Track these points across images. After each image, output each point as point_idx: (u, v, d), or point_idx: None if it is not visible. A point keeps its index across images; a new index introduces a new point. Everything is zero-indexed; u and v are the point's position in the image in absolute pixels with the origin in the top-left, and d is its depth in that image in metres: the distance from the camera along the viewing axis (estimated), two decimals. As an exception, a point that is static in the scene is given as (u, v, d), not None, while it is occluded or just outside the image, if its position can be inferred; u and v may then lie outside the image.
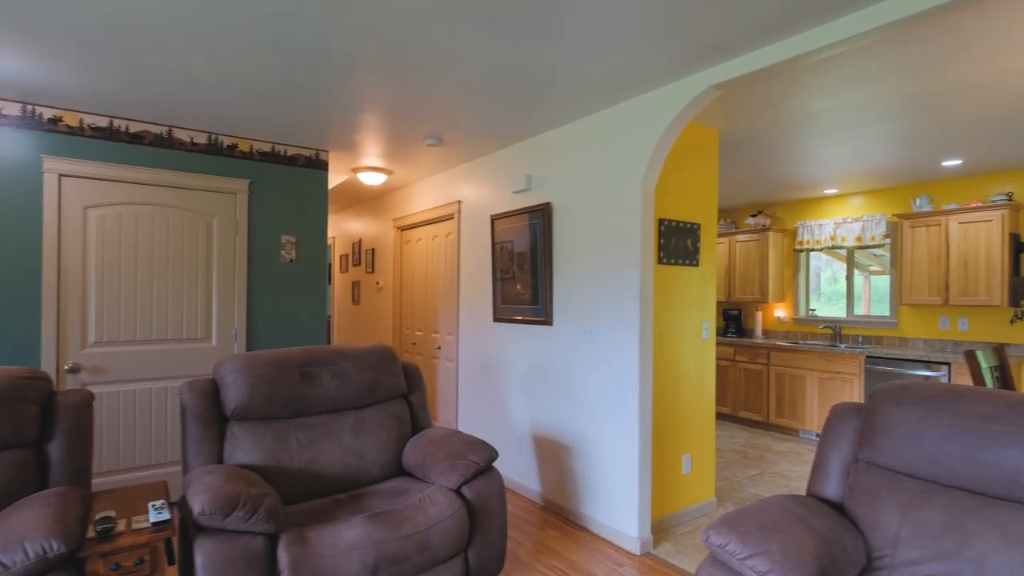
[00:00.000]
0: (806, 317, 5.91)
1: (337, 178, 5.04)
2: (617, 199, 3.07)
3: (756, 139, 3.67)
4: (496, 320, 4.03)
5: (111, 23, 2.17)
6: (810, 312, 5.93)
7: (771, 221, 6.07)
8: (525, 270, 3.73)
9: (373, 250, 6.13)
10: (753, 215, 6.13)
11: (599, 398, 3.16)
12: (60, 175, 3.17)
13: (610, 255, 3.11)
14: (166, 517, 1.82)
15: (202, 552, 1.78)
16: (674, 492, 3.26)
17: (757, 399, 5.66)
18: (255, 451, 2.37)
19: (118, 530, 1.74)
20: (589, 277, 3.25)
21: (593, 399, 3.20)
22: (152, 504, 1.89)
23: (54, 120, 3.15)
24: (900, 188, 5.18)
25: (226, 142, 3.68)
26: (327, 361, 2.66)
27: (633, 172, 2.97)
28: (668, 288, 3.22)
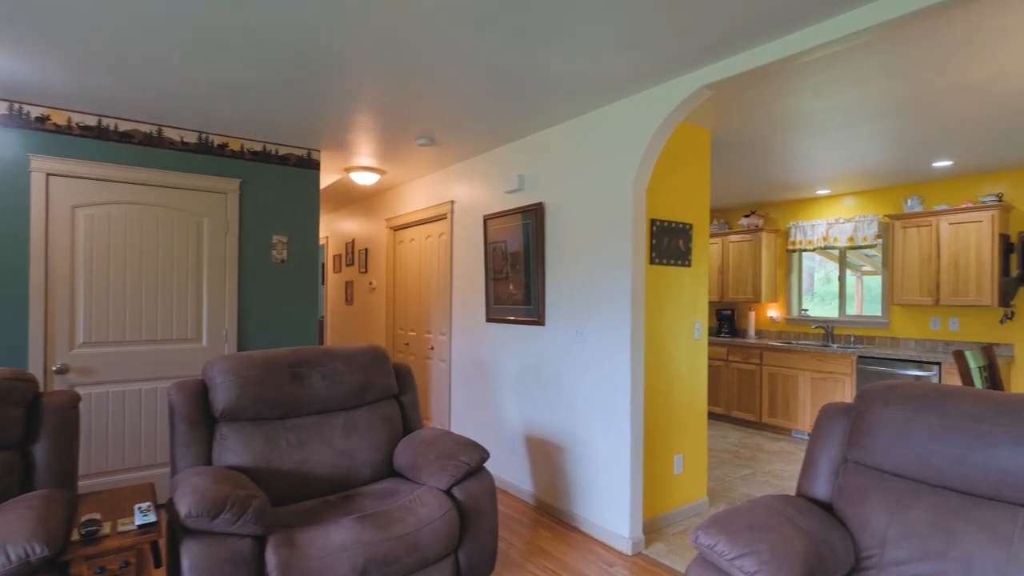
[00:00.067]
0: (799, 317, 5.93)
1: (329, 178, 5.02)
2: (609, 199, 3.07)
3: (748, 139, 3.68)
4: (489, 320, 4.02)
5: (98, 21, 2.15)
6: (802, 312, 5.95)
7: (764, 221, 6.09)
8: (518, 270, 3.72)
9: (366, 250, 6.11)
10: (746, 215, 6.15)
11: (591, 398, 3.16)
12: (48, 174, 3.15)
13: (602, 255, 3.11)
14: (152, 519, 1.80)
15: (189, 554, 1.77)
16: (666, 492, 3.27)
17: (750, 399, 5.68)
18: (244, 452, 2.36)
19: (103, 533, 1.72)
20: (581, 277, 3.24)
21: (585, 399, 3.20)
22: (138, 506, 1.87)
23: (42, 119, 3.12)
24: (891, 189, 5.21)
25: (217, 141, 3.66)
26: (317, 362, 2.64)
27: (625, 172, 2.97)
28: (660, 288, 3.22)
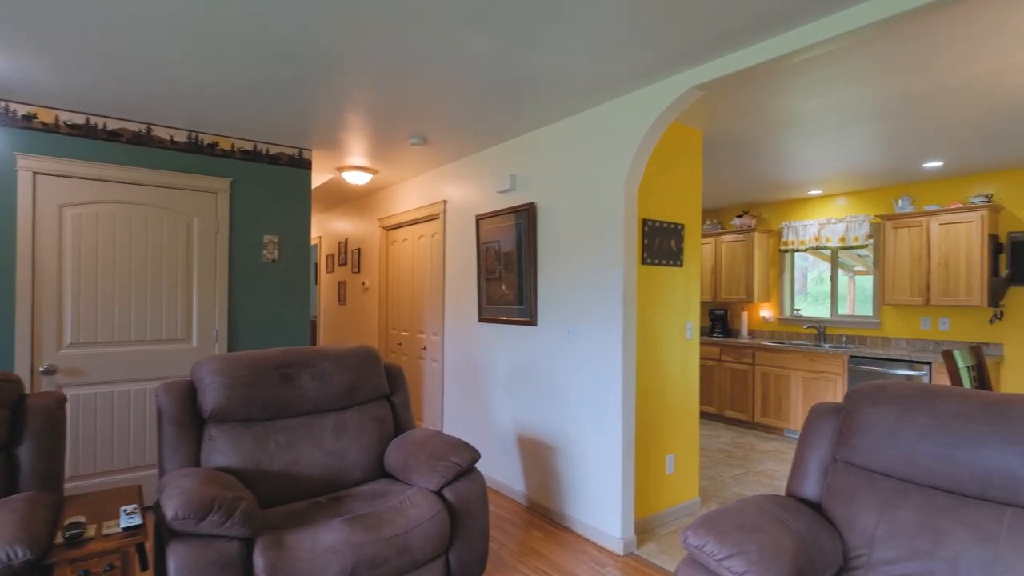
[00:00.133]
0: (791, 317, 5.96)
1: (321, 177, 5.00)
2: (600, 199, 3.06)
3: (740, 140, 3.69)
4: (481, 320, 4.01)
5: (86, 18, 2.12)
6: (795, 312, 5.98)
7: (757, 222, 6.11)
8: (510, 270, 3.71)
9: (359, 250, 6.09)
10: (739, 216, 6.17)
11: (583, 398, 3.16)
12: (35, 173, 3.11)
13: (594, 255, 3.10)
14: (138, 522, 1.78)
15: (175, 557, 1.75)
16: (658, 492, 3.27)
17: (742, 399, 5.70)
18: (233, 454, 2.34)
19: (87, 536, 1.70)
20: (573, 277, 3.24)
21: (577, 399, 3.20)
22: (124, 509, 1.85)
23: (28, 117, 3.09)
24: (883, 189, 5.24)
25: (207, 140, 3.63)
26: (307, 362, 2.62)
27: (616, 172, 2.97)
28: (652, 288, 3.22)
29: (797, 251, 5.90)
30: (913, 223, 4.76)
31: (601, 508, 3.03)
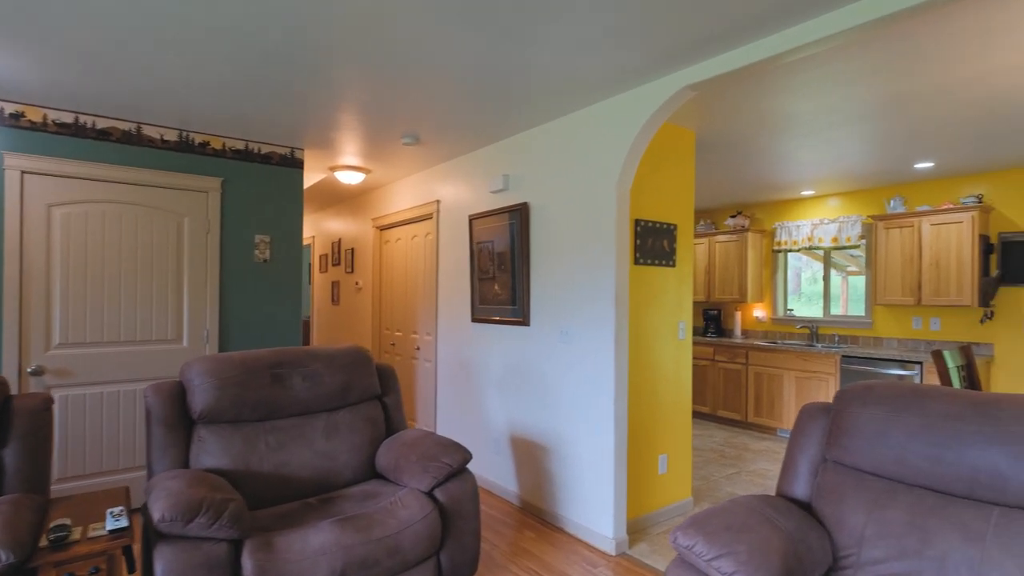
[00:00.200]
0: (784, 317, 5.98)
1: (314, 177, 4.97)
2: (593, 199, 3.06)
3: (733, 140, 3.69)
4: (474, 320, 4.00)
5: (74, 15, 2.10)
6: (788, 312, 6.00)
7: (750, 222, 6.12)
8: (503, 270, 3.71)
9: (352, 250, 6.07)
10: (732, 216, 6.18)
11: (575, 398, 3.16)
12: (23, 172, 3.08)
13: (586, 255, 3.10)
14: (124, 524, 1.77)
15: (162, 560, 1.74)
16: (650, 492, 3.27)
17: (736, 398, 5.71)
18: (222, 455, 2.32)
19: (73, 538, 1.68)
20: (566, 277, 3.24)
21: (569, 399, 3.20)
22: (110, 511, 1.83)
23: (16, 115, 3.06)
24: (875, 190, 5.26)
25: (198, 139, 3.61)
26: (298, 363, 2.61)
27: (608, 172, 2.97)
28: (644, 288, 3.23)
29: (790, 251, 5.93)
30: (905, 223, 4.79)
31: (593, 508, 3.02)
